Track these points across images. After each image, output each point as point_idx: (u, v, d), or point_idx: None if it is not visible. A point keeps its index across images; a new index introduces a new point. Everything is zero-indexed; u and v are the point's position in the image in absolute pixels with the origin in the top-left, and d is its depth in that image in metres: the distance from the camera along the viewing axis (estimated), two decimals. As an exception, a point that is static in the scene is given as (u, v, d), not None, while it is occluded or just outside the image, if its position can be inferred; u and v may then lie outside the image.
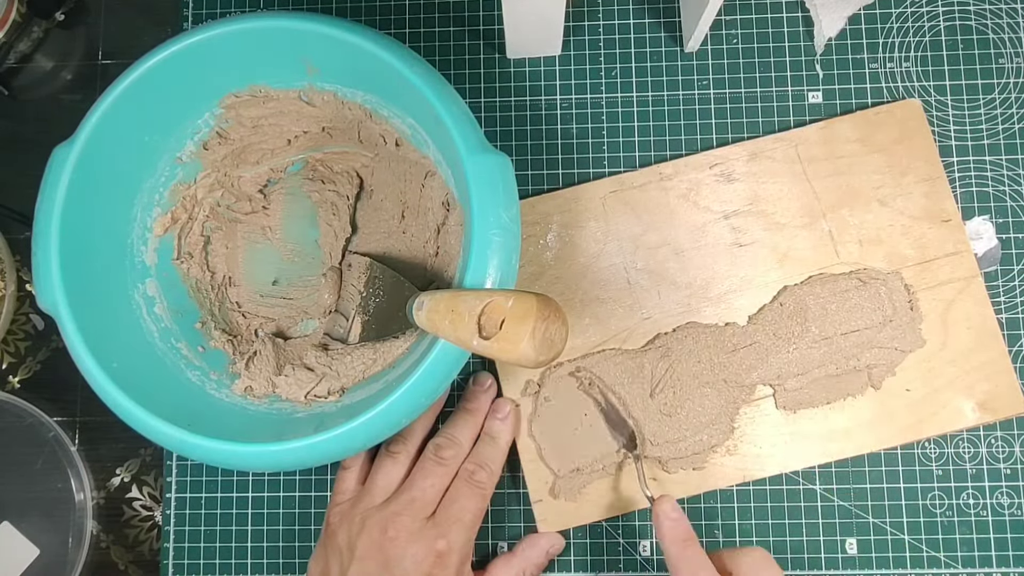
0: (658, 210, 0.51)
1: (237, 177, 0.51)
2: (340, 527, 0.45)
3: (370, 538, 0.43)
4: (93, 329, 0.43)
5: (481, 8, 0.54)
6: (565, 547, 0.50)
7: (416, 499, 0.44)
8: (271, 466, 0.41)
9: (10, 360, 0.54)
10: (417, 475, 0.45)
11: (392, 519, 0.43)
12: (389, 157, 0.51)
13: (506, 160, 0.41)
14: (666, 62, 0.53)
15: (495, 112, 0.53)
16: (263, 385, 0.47)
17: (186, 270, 0.50)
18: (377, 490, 0.45)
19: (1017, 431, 0.49)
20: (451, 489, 0.45)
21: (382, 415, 0.40)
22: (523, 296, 0.36)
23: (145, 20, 0.57)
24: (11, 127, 0.56)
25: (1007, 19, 0.52)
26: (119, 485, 0.53)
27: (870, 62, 0.52)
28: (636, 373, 0.49)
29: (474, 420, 0.48)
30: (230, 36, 0.44)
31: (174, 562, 0.51)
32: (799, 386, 0.48)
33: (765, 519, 0.49)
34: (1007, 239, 0.51)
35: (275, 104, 0.49)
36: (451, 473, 0.46)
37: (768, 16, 0.53)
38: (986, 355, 0.49)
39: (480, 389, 0.49)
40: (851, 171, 0.50)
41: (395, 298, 0.46)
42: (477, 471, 0.46)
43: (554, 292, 0.51)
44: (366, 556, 0.43)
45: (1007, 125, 0.52)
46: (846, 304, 0.49)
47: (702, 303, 0.50)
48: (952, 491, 0.49)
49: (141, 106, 0.45)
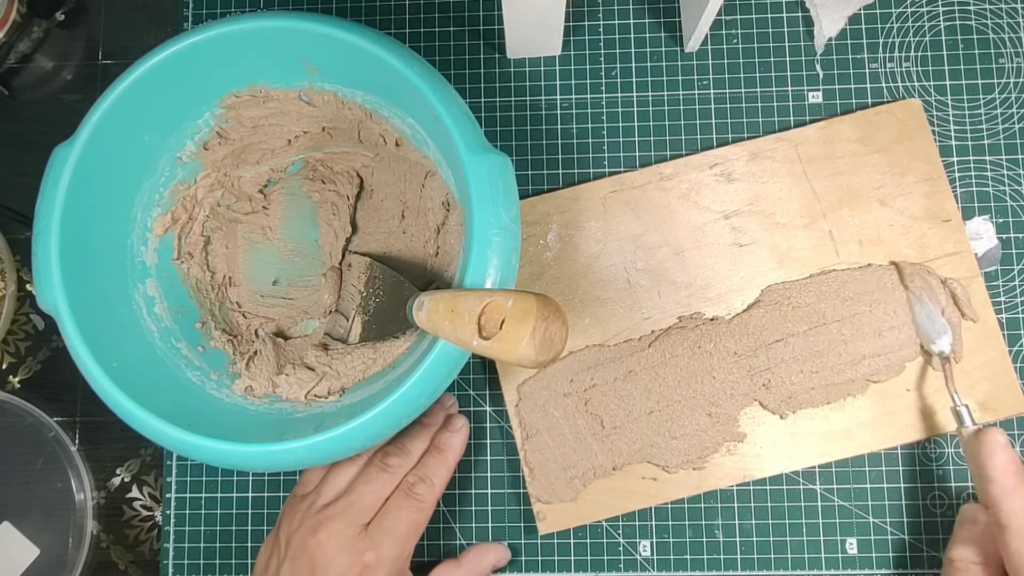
0: (658, 210, 0.51)
1: (237, 177, 0.51)
2: (283, 520, 0.45)
3: (302, 538, 0.43)
4: (93, 329, 0.43)
5: (481, 8, 0.54)
6: (565, 547, 0.50)
7: (354, 504, 0.44)
8: (271, 466, 0.41)
9: (10, 360, 0.54)
10: (359, 480, 0.45)
11: (326, 522, 0.43)
12: (389, 157, 0.51)
13: (506, 160, 0.41)
14: (666, 62, 0.53)
15: (495, 112, 0.53)
16: (263, 385, 0.47)
17: (186, 270, 0.50)
18: (327, 489, 0.45)
19: (1017, 431, 0.49)
20: (390, 500, 0.44)
21: (382, 415, 0.40)
22: (523, 296, 0.36)
23: (145, 20, 0.57)
24: (11, 127, 0.56)
25: (1007, 19, 0.52)
26: (119, 485, 0.53)
27: (870, 62, 0.52)
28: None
29: (427, 433, 0.47)
30: (230, 36, 0.44)
31: (174, 562, 0.51)
32: (795, 389, 0.48)
33: (765, 519, 0.49)
34: (1007, 239, 0.51)
35: (275, 104, 0.49)
36: (394, 482, 0.45)
37: (768, 16, 0.53)
38: (986, 355, 0.49)
39: (439, 406, 0.49)
40: (851, 171, 0.50)
41: (395, 298, 0.46)
42: (418, 484, 0.45)
43: (554, 292, 0.51)
44: (297, 556, 0.43)
45: (1007, 125, 0.52)
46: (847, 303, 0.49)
47: (702, 303, 0.50)
48: (952, 491, 0.49)
49: (141, 106, 0.45)
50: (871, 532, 0.49)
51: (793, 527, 0.49)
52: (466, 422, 0.48)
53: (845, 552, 0.49)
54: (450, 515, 0.51)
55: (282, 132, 0.50)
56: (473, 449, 0.51)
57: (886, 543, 0.49)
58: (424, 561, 0.49)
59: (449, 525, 0.51)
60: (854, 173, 0.50)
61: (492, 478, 0.51)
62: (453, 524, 0.51)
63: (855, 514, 0.49)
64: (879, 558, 0.49)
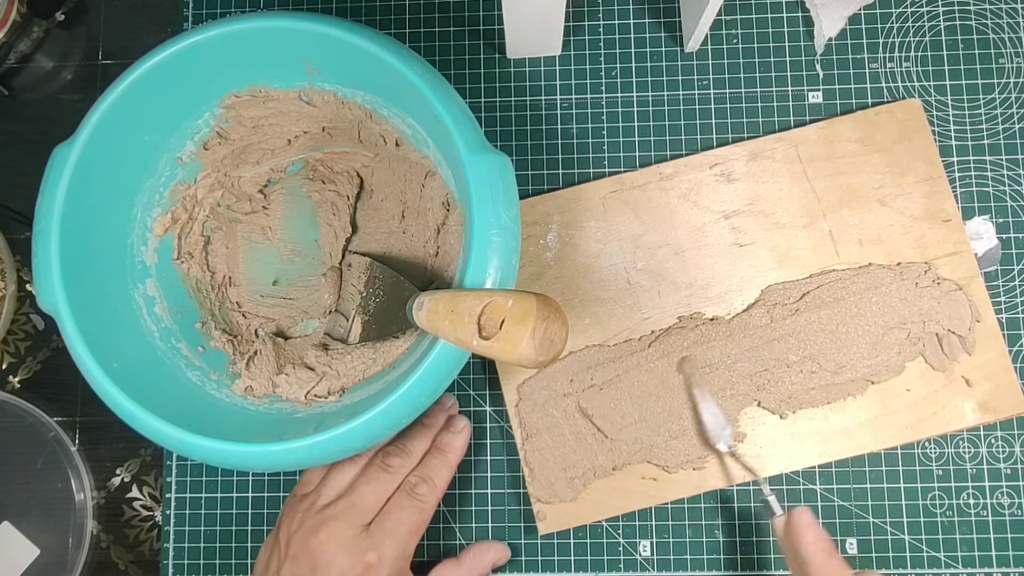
0: (658, 210, 0.51)
1: (237, 177, 0.51)
2: (284, 520, 0.45)
3: (303, 538, 0.43)
4: (93, 329, 0.43)
5: (481, 8, 0.54)
6: (565, 547, 0.50)
7: (355, 504, 0.44)
8: (271, 466, 0.41)
9: (10, 360, 0.54)
10: (360, 481, 0.45)
11: (327, 522, 0.43)
12: (389, 157, 0.51)
13: (506, 160, 0.41)
14: (666, 62, 0.53)
15: (495, 112, 0.53)
16: (263, 385, 0.47)
17: (186, 270, 0.50)
18: (327, 489, 0.45)
19: (1017, 431, 0.49)
20: (391, 500, 0.44)
21: (382, 415, 0.40)
22: (523, 296, 0.36)
23: (145, 20, 0.57)
24: (11, 127, 0.56)
25: (1007, 19, 0.52)
26: (119, 485, 0.53)
27: (870, 62, 0.52)
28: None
29: (428, 433, 0.47)
30: (230, 36, 0.44)
31: (174, 562, 0.51)
32: (795, 389, 0.48)
33: (765, 519, 0.49)
34: (1007, 239, 0.51)
35: (275, 104, 0.49)
36: (395, 482, 0.45)
37: (768, 16, 0.53)
38: (986, 355, 0.49)
39: (440, 407, 0.49)
40: (851, 171, 0.50)
41: (395, 298, 0.46)
42: (419, 484, 0.45)
43: (554, 292, 0.51)
44: (298, 556, 0.43)
45: (1007, 125, 0.52)
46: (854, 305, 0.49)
47: (702, 303, 0.50)
48: (952, 491, 0.49)
49: (141, 106, 0.45)
50: (871, 532, 0.49)
51: (793, 527, 0.49)
52: (468, 423, 0.48)
53: (845, 552, 0.49)
54: (450, 515, 0.51)
55: (282, 132, 0.50)
56: (473, 449, 0.51)
57: (886, 543, 0.49)
58: (424, 561, 0.49)
59: (449, 525, 0.51)
60: (854, 173, 0.50)
61: (492, 478, 0.51)
62: (453, 524, 0.51)
63: (855, 514, 0.49)
64: (879, 558, 0.49)
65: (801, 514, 0.44)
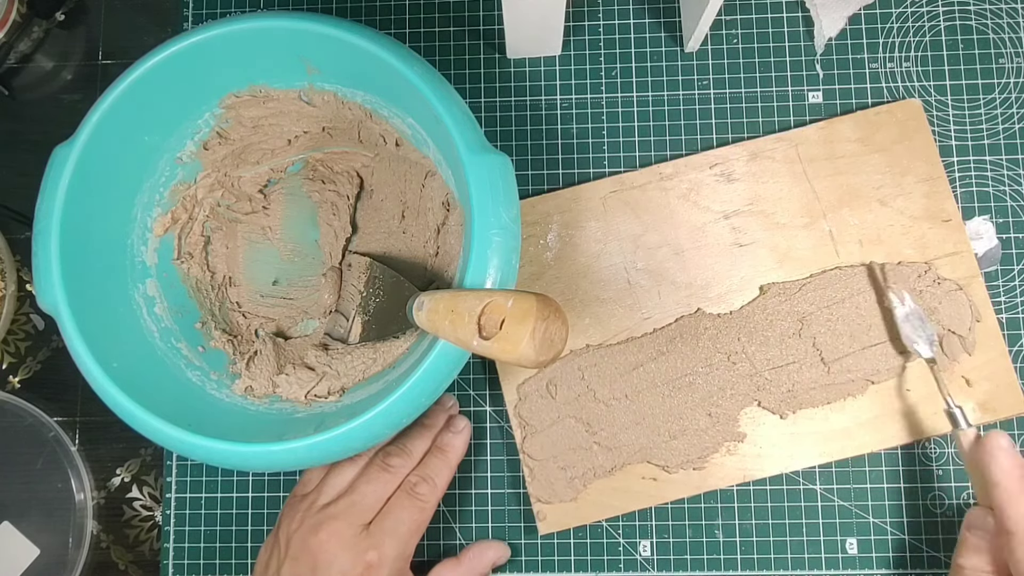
0: (658, 210, 0.51)
1: (237, 177, 0.51)
2: (283, 519, 0.45)
3: (303, 538, 0.43)
4: (93, 329, 0.43)
5: (481, 8, 0.54)
6: (565, 547, 0.50)
7: (355, 504, 0.44)
8: (271, 466, 0.41)
9: (10, 360, 0.54)
10: (360, 480, 0.45)
11: (327, 522, 0.43)
12: (389, 157, 0.51)
13: (506, 160, 0.41)
14: (666, 62, 0.53)
15: (495, 112, 0.53)
16: (263, 385, 0.47)
17: (186, 270, 0.50)
18: (327, 489, 0.45)
19: (1017, 431, 0.49)
20: (391, 500, 0.44)
21: (382, 415, 0.40)
22: (523, 296, 0.36)
23: (145, 20, 0.57)
24: (11, 127, 0.56)
25: (1007, 19, 0.52)
26: (119, 485, 0.53)
27: (870, 62, 0.52)
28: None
29: (428, 433, 0.47)
30: (230, 36, 0.44)
31: (174, 562, 0.51)
32: (795, 389, 0.48)
33: (765, 519, 0.49)
34: (1007, 239, 0.51)
35: (275, 104, 0.49)
36: (395, 482, 0.45)
37: (768, 16, 0.53)
38: (986, 355, 0.49)
39: (440, 407, 0.49)
40: (851, 171, 0.50)
41: (395, 298, 0.46)
42: (420, 484, 0.45)
43: (554, 292, 0.51)
44: (298, 556, 0.43)
45: (1007, 125, 0.52)
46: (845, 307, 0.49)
47: (702, 303, 0.50)
48: (952, 491, 0.49)
49: (141, 106, 0.45)
50: (871, 532, 0.49)
51: (793, 527, 0.49)
52: (468, 423, 0.48)
53: (845, 552, 0.49)
54: (450, 515, 0.51)
55: (282, 132, 0.50)
56: (473, 449, 0.51)
57: (886, 543, 0.49)
58: (424, 560, 0.49)
59: (449, 525, 0.51)
60: (854, 173, 0.50)
61: (492, 478, 0.51)
62: (453, 524, 0.51)
63: (855, 514, 0.49)
64: (879, 558, 0.49)
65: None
